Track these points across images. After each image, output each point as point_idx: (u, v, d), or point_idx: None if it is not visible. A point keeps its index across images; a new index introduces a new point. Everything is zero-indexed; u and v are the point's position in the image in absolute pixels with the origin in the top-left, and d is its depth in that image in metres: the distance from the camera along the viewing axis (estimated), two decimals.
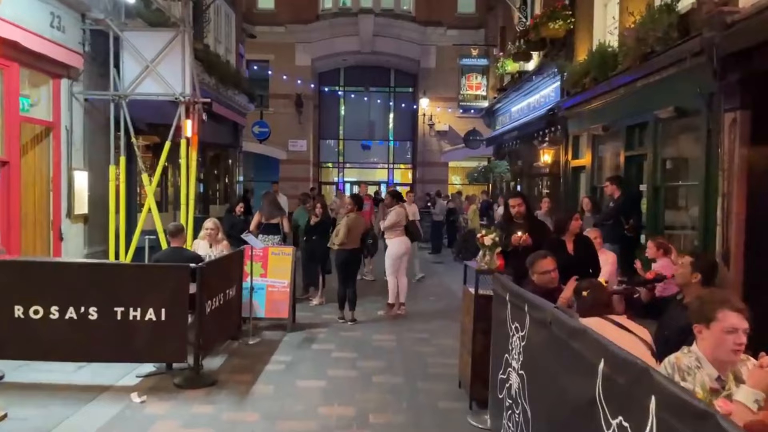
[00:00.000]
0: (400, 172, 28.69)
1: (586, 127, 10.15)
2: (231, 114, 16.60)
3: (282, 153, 25.74)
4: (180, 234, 6.19)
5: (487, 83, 17.95)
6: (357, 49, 25.47)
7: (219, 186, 17.24)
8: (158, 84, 8.98)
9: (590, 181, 10.06)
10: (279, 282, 7.45)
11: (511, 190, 13.69)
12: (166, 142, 9.11)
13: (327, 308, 8.94)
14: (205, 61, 13.48)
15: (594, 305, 3.52)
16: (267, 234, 8.80)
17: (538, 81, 12.73)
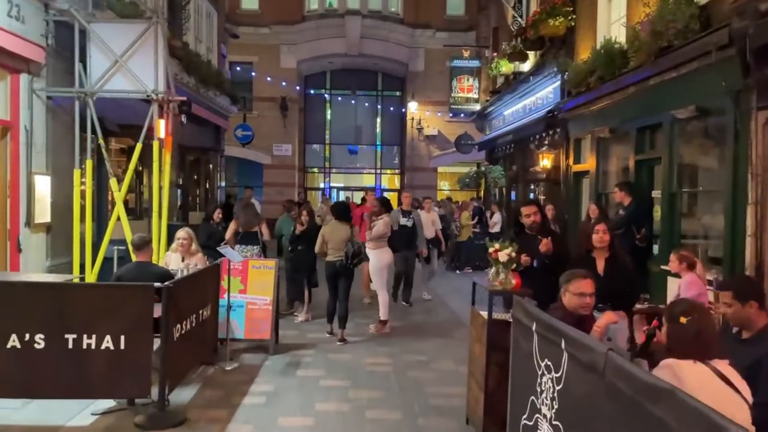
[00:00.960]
0: (387, 178, 28.03)
1: (590, 129, 9.54)
2: (212, 116, 15.83)
3: (266, 157, 24.96)
4: (146, 247, 5.44)
5: (479, 86, 17.35)
6: (344, 52, 24.82)
7: (199, 192, 16.43)
8: (129, 80, 8.21)
9: (595, 187, 9.44)
10: (260, 299, 6.70)
11: (524, 197, 13.03)
12: (138, 143, 8.33)
13: (313, 325, 8.21)
14: (183, 59, 12.72)
15: (697, 341, 2.59)
16: (245, 244, 8.05)
17: (536, 82, 12.13)
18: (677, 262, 5.63)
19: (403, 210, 9.60)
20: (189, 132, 14.20)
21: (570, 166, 10.50)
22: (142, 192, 12.14)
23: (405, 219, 9.44)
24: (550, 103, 11.54)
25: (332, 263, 7.43)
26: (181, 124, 13.79)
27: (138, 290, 4.61)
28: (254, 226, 8.21)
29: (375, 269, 8.11)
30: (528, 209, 5.26)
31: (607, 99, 8.63)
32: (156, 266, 5.64)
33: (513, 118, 14.31)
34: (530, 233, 5.10)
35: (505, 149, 14.54)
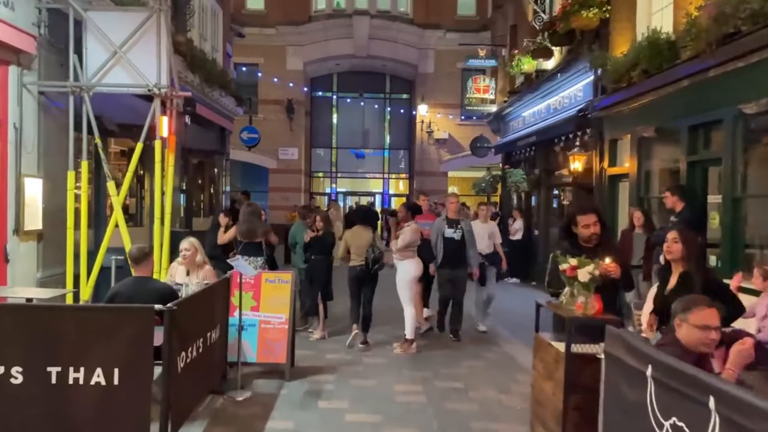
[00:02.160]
0: (395, 183, 27.29)
1: (630, 128, 8.77)
2: (217, 117, 15.11)
3: (272, 161, 24.26)
4: (145, 259, 4.68)
5: (495, 86, 16.59)
6: (351, 53, 24.14)
7: (203, 197, 15.69)
8: (128, 74, 7.47)
9: (636, 192, 8.66)
10: (275, 317, 5.93)
11: (579, 203, 12.15)
12: (138, 143, 7.58)
13: (330, 343, 7.43)
14: (187, 56, 11.99)
15: None
16: (246, 255, 7.24)
17: (563, 79, 11.37)
18: (761, 279, 4.86)
19: (449, 219, 7.78)
20: (193, 134, 13.50)
21: (604, 169, 9.72)
22: (143, 197, 11.41)
23: (451, 230, 7.66)
24: (579, 101, 10.78)
25: (353, 268, 7.33)
26: (185, 125, 13.10)
27: (136, 313, 3.85)
28: (256, 237, 7.41)
29: (402, 282, 7.46)
30: (587, 218, 4.28)
31: (652, 95, 7.87)
32: (157, 282, 4.88)
33: (535, 118, 13.54)
34: (586, 245, 4.21)
35: (526, 152, 13.77)
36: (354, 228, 7.49)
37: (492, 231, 8.87)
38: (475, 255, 7.92)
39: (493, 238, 8.80)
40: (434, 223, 7.86)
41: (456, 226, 7.73)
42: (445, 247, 7.68)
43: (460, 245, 7.73)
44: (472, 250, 7.84)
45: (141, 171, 11.11)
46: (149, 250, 4.71)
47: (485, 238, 8.54)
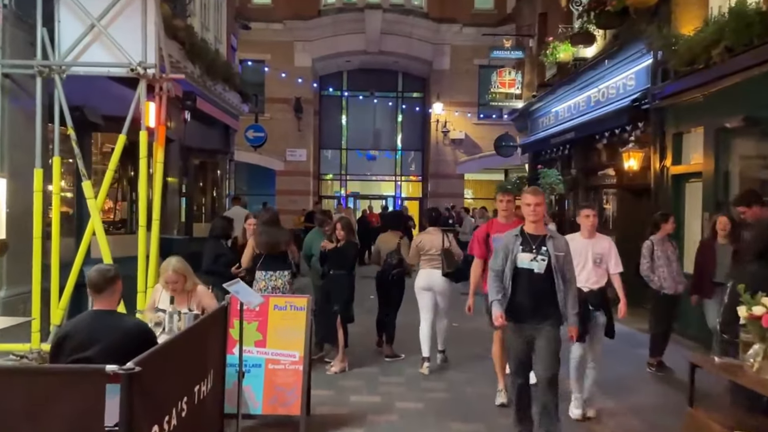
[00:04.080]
0: (408, 186, 25.99)
1: (705, 119, 7.43)
2: (220, 114, 13.86)
3: (279, 163, 23.01)
4: (109, 286, 3.36)
5: (521, 80, 15.27)
6: (363, 49, 22.91)
7: (205, 200, 14.41)
8: (108, 52, 6.20)
9: (713, 195, 7.29)
10: (286, 354, 4.61)
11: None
12: (120, 135, 6.29)
13: (353, 379, 6.10)
14: (186, 43, 10.72)
15: None
16: (269, 270, 6.00)
17: (610, 67, 10.05)
18: None
19: (529, 235, 4.40)
20: (194, 131, 12.26)
21: (666, 168, 8.36)
22: (135, 200, 10.14)
23: (529, 255, 4.35)
24: (631, 91, 9.45)
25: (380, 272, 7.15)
26: (185, 121, 11.86)
27: (78, 377, 2.53)
28: (280, 248, 6.12)
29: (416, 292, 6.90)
30: None
31: (738, 76, 6.53)
32: (125, 319, 3.55)
33: (571, 113, 12.21)
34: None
35: (560, 151, 12.42)
36: (386, 233, 7.47)
37: (603, 252, 5.28)
38: (574, 300, 4.44)
39: (607, 264, 5.26)
40: (501, 242, 4.63)
41: (539, 249, 4.31)
42: (518, 285, 4.35)
43: (546, 282, 4.33)
44: (570, 292, 4.41)
45: (131, 170, 9.87)
46: (114, 274, 3.40)
47: (588, 264, 5.23)
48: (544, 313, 4.34)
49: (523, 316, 4.35)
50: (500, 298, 4.31)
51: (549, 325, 4.34)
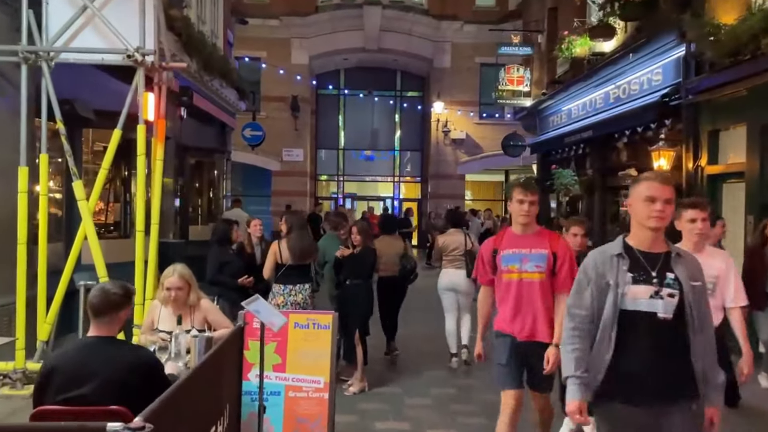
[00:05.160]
0: (407, 187, 25.40)
1: (749, 115, 6.90)
2: (217, 111, 13.23)
3: (275, 163, 22.36)
4: (112, 311, 2.74)
5: (530, 77, 14.73)
6: (361, 46, 22.32)
7: (201, 201, 13.76)
8: (102, 37, 5.57)
9: (759, 197, 6.74)
10: (309, 380, 4.01)
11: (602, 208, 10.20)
12: (116, 130, 5.67)
13: (375, 401, 5.50)
14: (183, 35, 10.08)
15: None
16: (289, 283, 5.41)
17: (632, 61, 9.50)
18: None
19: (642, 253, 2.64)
20: (189, 129, 11.63)
21: (701, 168, 7.83)
22: (129, 201, 9.51)
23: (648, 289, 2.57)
24: (658, 86, 8.92)
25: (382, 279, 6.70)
26: (180, 118, 11.23)
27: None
28: (311, 257, 5.54)
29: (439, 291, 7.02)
30: None
31: None
32: (127, 348, 2.92)
33: (586, 111, 11.68)
34: None
35: (574, 150, 11.88)
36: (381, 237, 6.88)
37: (718, 275, 3.74)
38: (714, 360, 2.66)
39: (723, 294, 3.78)
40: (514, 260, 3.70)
41: (662, 277, 2.58)
42: (628, 340, 2.58)
43: (674, 332, 2.58)
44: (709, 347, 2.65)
45: (125, 170, 9.24)
46: (122, 300, 2.78)
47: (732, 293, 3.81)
48: (675, 386, 2.53)
49: (639, 395, 2.51)
50: (582, 376, 2.57)
51: (683, 406, 2.54)
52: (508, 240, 3.75)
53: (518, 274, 3.67)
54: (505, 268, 3.70)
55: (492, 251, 3.77)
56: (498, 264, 3.73)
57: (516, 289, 3.68)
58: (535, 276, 3.66)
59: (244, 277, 5.80)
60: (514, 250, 3.70)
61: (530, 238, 3.71)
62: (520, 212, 3.68)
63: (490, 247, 3.81)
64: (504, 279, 3.72)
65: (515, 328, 3.69)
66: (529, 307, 3.67)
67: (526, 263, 3.66)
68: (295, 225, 5.79)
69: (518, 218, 3.72)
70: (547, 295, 3.68)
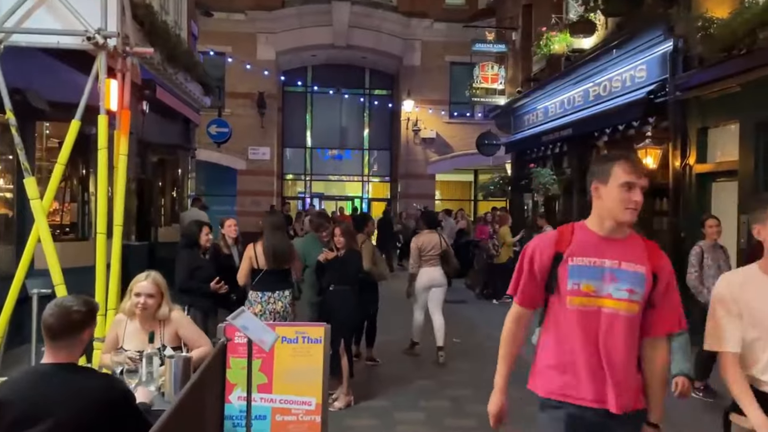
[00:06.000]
0: (377, 186, 24.99)
1: (742, 112, 6.73)
2: (181, 106, 12.62)
3: (241, 162, 21.67)
4: (73, 333, 2.25)
5: (505, 75, 14.50)
6: (330, 42, 21.83)
7: (164, 201, 13.10)
8: (58, 17, 5.00)
9: (753, 196, 6.57)
10: (299, 401, 3.57)
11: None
12: (74, 121, 5.10)
13: (364, 416, 5.09)
14: (146, 23, 9.47)
15: None
16: (268, 290, 4.95)
17: (615, 57, 9.30)
18: None
19: None
20: (152, 124, 11.00)
21: (689, 166, 7.64)
22: (87, 200, 8.86)
23: None
24: (641, 82, 8.74)
25: None
26: (143, 112, 10.59)
27: None
28: (287, 262, 5.08)
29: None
30: None
31: None
32: (92, 377, 2.41)
33: (564, 109, 11.49)
34: None
35: (551, 149, 11.68)
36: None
37: None
38: None
39: None
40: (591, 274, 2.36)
41: None
42: None
43: None
44: None
45: (83, 167, 8.61)
46: (83, 317, 2.29)
47: None
48: None
49: None
50: None
51: None
52: (581, 243, 2.35)
53: (597, 300, 2.29)
54: (573, 287, 2.30)
55: (553, 257, 2.36)
56: (561, 278, 2.34)
57: (590, 323, 2.29)
58: (622, 306, 2.27)
59: (215, 281, 5.27)
60: (592, 260, 2.31)
61: (619, 245, 2.33)
62: (625, 203, 2.25)
63: (549, 249, 2.38)
64: (569, 304, 2.32)
65: (585, 391, 2.29)
66: (610, 356, 2.27)
67: (611, 283, 2.28)
68: (268, 226, 5.34)
69: (621, 212, 2.27)
70: (636, 339, 2.34)
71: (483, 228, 13.45)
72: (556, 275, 2.35)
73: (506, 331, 2.54)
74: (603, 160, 2.42)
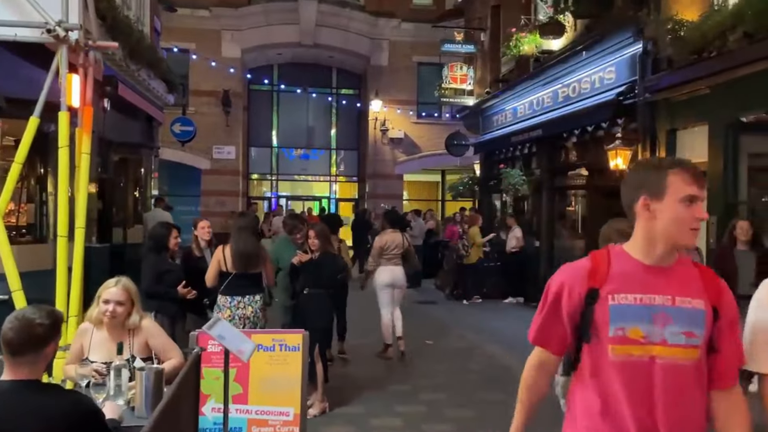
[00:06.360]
0: (344, 186, 24.81)
1: (711, 114, 6.82)
2: (144, 104, 12.21)
3: (205, 162, 21.23)
4: (36, 351, 2.08)
5: (474, 76, 14.53)
6: (296, 41, 21.59)
7: (127, 202, 12.69)
8: (15, 8, 4.74)
9: (723, 197, 6.66)
10: (276, 412, 3.42)
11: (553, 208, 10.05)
12: (32, 118, 4.83)
13: (339, 424, 4.97)
14: (108, 17, 9.12)
15: None
16: (238, 294, 4.77)
17: (586, 59, 9.36)
18: None
19: None
20: (114, 122, 10.62)
21: None
22: (45, 201, 8.48)
23: None
24: (610, 84, 8.82)
25: None
26: (103, 110, 10.22)
27: None
28: (257, 265, 4.91)
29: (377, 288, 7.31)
30: None
31: (757, 66, 5.91)
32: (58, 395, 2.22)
33: (533, 110, 11.55)
34: None
35: (520, 150, 11.73)
36: None
37: None
38: None
39: None
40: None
41: None
42: None
43: None
44: None
45: (41, 166, 8.23)
46: (46, 331, 2.11)
47: None
48: None
49: None
50: None
51: None
52: (622, 276, 1.84)
53: (648, 348, 1.79)
54: (617, 334, 1.80)
55: (586, 295, 1.84)
56: (600, 323, 1.81)
57: (641, 378, 1.79)
58: (680, 353, 1.79)
59: (182, 285, 5.04)
60: (638, 297, 1.81)
61: (669, 276, 1.84)
62: (689, 222, 1.81)
63: (581, 285, 1.85)
64: (612, 355, 1.80)
65: None
66: (670, 419, 1.78)
67: (664, 326, 1.79)
68: (236, 227, 5.16)
69: (683, 235, 1.81)
70: (704, 394, 1.85)
71: (452, 228, 13.45)
72: (592, 318, 1.81)
73: (527, 378, 2.05)
74: (649, 167, 1.90)
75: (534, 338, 1.99)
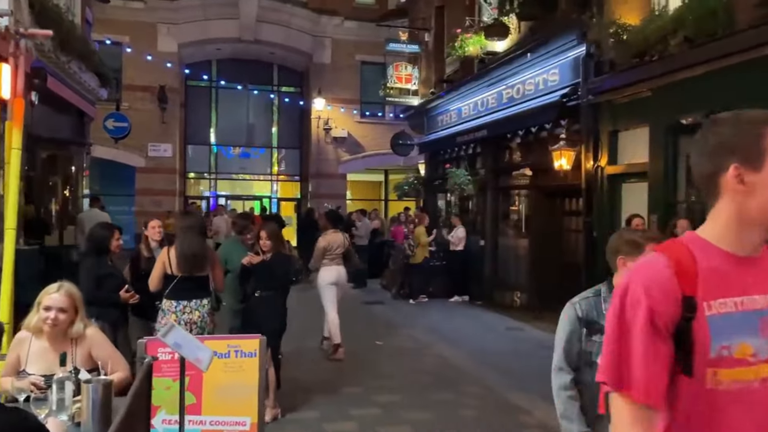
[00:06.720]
0: (286, 186, 24.42)
1: (652, 116, 7.04)
2: (75, 98, 11.59)
3: (139, 159, 20.43)
4: None
5: (418, 75, 14.56)
6: (236, 36, 21.10)
7: (57, 201, 12.03)
8: None
9: (663, 197, 6.89)
10: (231, 422, 3.24)
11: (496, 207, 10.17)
12: None
13: (291, 430, 4.81)
14: (36, 5, 8.58)
15: None
16: (184, 299, 4.54)
17: (530, 61, 9.52)
18: None
19: None
20: (42, 117, 10.01)
21: (601, 168, 7.93)
22: None
23: None
24: (554, 86, 9.00)
25: None
26: (31, 104, 9.62)
27: None
28: (203, 267, 4.67)
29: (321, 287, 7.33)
30: None
31: (697, 70, 6.13)
32: (5, 413, 2.00)
33: (478, 111, 11.67)
34: None
35: (464, 150, 11.83)
36: None
37: None
38: None
39: None
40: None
41: None
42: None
43: None
44: None
45: None
46: None
47: None
48: None
49: None
50: None
51: None
52: (713, 274, 1.34)
53: (759, 369, 1.33)
54: (721, 353, 1.31)
55: (684, 304, 1.31)
56: (697, 342, 1.30)
57: (753, 409, 1.32)
58: None
59: (124, 290, 4.75)
60: (737, 301, 1.35)
61: (761, 266, 1.39)
62: None
63: (673, 290, 1.31)
64: (711, 383, 1.31)
65: None
66: None
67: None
68: (181, 227, 4.93)
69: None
70: None
71: (398, 229, 13.43)
72: (690, 337, 1.30)
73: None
74: (741, 123, 1.33)
75: (646, 394, 1.28)
